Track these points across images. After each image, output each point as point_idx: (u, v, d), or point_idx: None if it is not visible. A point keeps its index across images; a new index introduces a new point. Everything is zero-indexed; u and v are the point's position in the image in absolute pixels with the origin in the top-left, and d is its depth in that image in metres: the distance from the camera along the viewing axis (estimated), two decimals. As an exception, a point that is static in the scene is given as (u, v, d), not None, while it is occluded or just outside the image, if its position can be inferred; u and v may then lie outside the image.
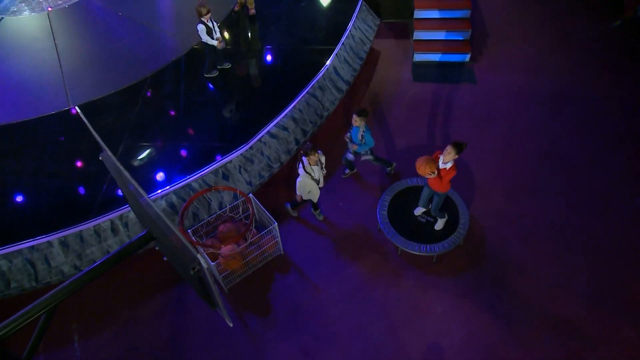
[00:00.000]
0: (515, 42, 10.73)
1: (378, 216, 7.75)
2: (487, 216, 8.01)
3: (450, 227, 7.57)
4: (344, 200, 8.33)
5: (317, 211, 8.02)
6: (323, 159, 7.24)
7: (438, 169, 6.67)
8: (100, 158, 4.27)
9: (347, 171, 8.55)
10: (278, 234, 7.32)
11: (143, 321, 7.18)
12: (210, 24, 8.29)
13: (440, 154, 6.75)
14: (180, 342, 6.98)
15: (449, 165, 6.70)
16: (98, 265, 3.68)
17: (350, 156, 8.09)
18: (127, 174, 3.75)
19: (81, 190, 7.55)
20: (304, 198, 7.50)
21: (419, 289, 7.32)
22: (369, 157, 7.99)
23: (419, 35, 10.47)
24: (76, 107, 4.49)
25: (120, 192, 7.35)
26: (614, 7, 11.03)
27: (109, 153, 4.08)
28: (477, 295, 7.20)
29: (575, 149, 8.81)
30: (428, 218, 7.72)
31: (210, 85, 8.97)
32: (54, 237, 6.97)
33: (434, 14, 10.51)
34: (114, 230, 7.22)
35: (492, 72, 10.16)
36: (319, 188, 7.47)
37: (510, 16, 11.34)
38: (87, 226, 7.08)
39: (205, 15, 8.18)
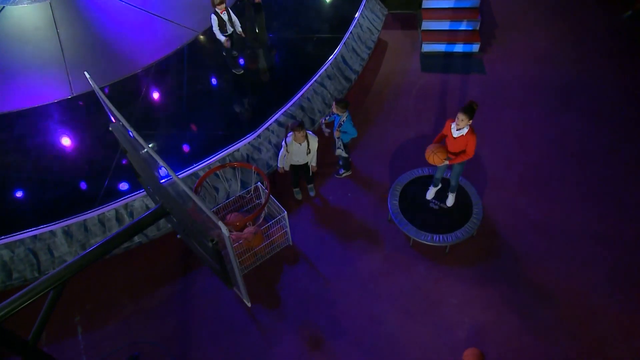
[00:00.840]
0: (524, 32, 10.54)
1: (389, 206, 7.51)
2: (500, 207, 7.79)
3: (463, 218, 7.34)
4: (353, 190, 8.12)
5: (310, 185, 7.99)
6: (314, 145, 7.11)
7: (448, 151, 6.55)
8: (110, 129, 4.03)
9: (342, 171, 8.29)
10: (287, 224, 7.10)
11: (147, 314, 6.95)
12: (224, 16, 7.84)
13: (452, 121, 6.47)
14: (187, 335, 6.74)
15: (465, 131, 6.37)
16: (109, 240, 3.43)
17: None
18: (141, 140, 3.49)
19: (85, 179, 7.32)
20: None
21: (432, 280, 7.09)
22: (342, 152, 7.80)
23: (427, 25, 10.27)
24: (86, 73, 4.20)
25: (123, 182, 7.13)
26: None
27: (124, 122, 3.79)
28: (491, 287, 6.98)
29: (588, 138, 8.60)
30: (440, 204, 7.50)
31: (216, 74, 8.72)
32: (57, 227, 6.74)
33: (443, 3, 10.33)
34: (118, 219, 6.99)
35: (502, 62, 9.95)
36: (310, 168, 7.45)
37: (520, 6, 11.15)
38: (91, 215, 6.86)
39: (219, 5, 7.72)
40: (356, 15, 9.37)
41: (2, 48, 9.44)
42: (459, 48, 10.16)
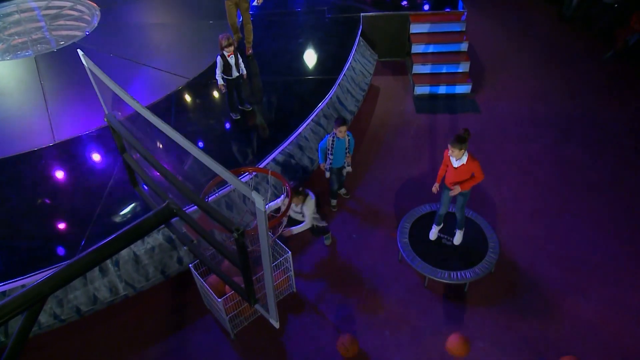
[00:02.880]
0: (513, 73, 10.46)
1: (399, 245, 6.82)
2: (515, 240, 7.19)
3: (479, 253, 6.67)
4: (357, 231, 7.43)
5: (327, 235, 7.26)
6: (308, 211, 6.47)
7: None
8: (105, 119, 3.35)
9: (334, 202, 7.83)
10: (291, 266, 6.31)
11: (136, 377, 5.95)
12: (231, 60, 7.47)
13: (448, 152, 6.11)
14: (182, 399, 5.75)
15: (465, 160, 5.97)
16: (104, 245, 2.63)
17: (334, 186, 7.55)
18: (153, 116, 2.80)
19: (66, 226, 6.48)
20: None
21: (453, 323, 6.29)
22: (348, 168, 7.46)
23: (417, 69, 10.10)
24: (78, 51, 3.53)
25: (109, 229, 6.30)
26: (604, 40, 10.87)
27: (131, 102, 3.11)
28: (520, 326, 6.21)
29: (590, 169, 8.29)
30: (449, 239, 6.85)
31: (214, 116, 8.19)
32: (29, 280, 5.78)
33: (431, 48, 10.19)
34: (102, 269, 6.12)
35: (496, 101, 9.71)
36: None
37: (505, 51, 11.18)
38: (72, 265, 5.96)
39: (226, 47, 7.31)
40: (349, 59, 9.12)
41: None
42: (450, 89, 9.96)
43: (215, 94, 8.55)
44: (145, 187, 3.73)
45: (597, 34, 11.23)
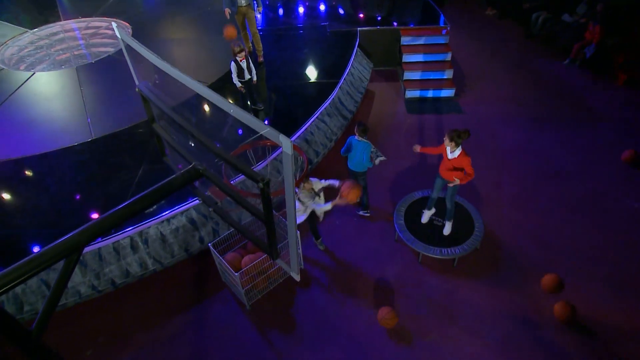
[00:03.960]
0: (490, 80, 10.15)
1: (396, 226, 6.50)
2: (498, 221, 6.88)
3: (466, 232, 6.35)
4: (358, 217, 7.06)
5: (318, 240, 6.63)
6: (317, 186, 5.96)
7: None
8: (137, 90, 3.04)
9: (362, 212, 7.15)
10: (299, 244, 5.96)
11: (161, 343, 5.62)
12: (243, 64, 7.17)
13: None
14: (203, 363, 5.41)
15: (457, 153, 5.60)
16: (135, 201, 2.31)
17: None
18: (187, 77, 2.49)
19: (100, 209, 6.11)
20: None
21: (445, 293, 5.98)
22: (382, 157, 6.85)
23: (408, 75, 9.78)
24: (113, 24, 3.20)
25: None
26: (565, 53, 10.64)
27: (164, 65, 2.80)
28: (502, 295, 5.91)
29: (562, 159, 7.98)
30: (442, 221, 6.51)
31: (227, 114, 7.81)
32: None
33: (420, 57, 9.86)
34: (133, 247, 5.79)
35: (476, 104, 9.39)
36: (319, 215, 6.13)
37: (483, 61, 10.88)
38: (106, 243, 5.64)
39: (238, 53, 7.05)
40: (348, 65, 8.79)
41: (31, 103, 8.57)
42: (437, 93, 9.63)
43: (229, 94, 8.13)
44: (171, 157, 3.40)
45: (559, 48, 10.94)
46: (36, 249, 5.47)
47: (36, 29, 11.51)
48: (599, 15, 10.03)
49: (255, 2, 8.28)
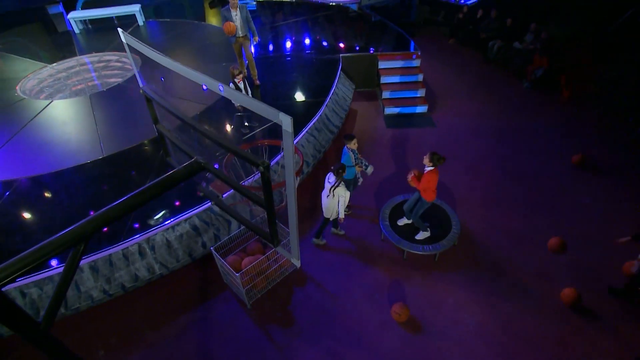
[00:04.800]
0: (458, 98, 10.05)
1: (381, 227, 6.24)
2: (471, 220, 6.67)
3: (445, 230, 6.11)
4: (347, 219, 6.80)
5: (319, 238, 6.40)
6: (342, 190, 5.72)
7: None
8: (141, 92, 2.77)
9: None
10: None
11: (169, 341, 5.25)
12: (241, 85, 6.95)
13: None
14: (208, 358, 5.01)
15: (427, 169, 5.48)
16: (140, 192, 2.02)
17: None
18: (193, 70, 2.24)
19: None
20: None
21: (429, 285, 5.71)
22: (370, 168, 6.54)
23: (386, 94, 9.63)
24: (119, 29, 2.92)
25: (145, 219, 5.62)
26: (518, 74, 10.70)
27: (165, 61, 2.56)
28: (479, 286, 5.69)
29: (522, 164, 7.85)
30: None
31: (226, 129, 7.58)
32: (84, 262, 5.13)
33: (396, 79, 9.73)
34: (141, 253, 5.43)
35: (447, 118, 9.25)
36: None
37: (451, 82, 10.80)
38: (116, 250, 5.27)
39: (237, 75, 6.87)
40: (333, 86, 8.62)
41: (48, 127, 8.20)
42: (412, 110, 9.48)
43: (227, 113, 7.88)
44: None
45: (511, 70, 10.96)
46: (53, 262, 5.08)
47: (55, 64, 11.19)
48: (543, 43, 10.31)
49: (251, 33, 8.09)
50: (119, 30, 2.78)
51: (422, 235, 6.10)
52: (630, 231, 5.63)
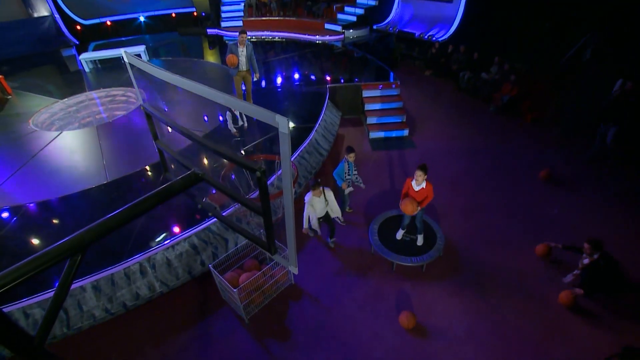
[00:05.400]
0: (435, 122, 10.05)
1: (371, 241, 6.03)
2: (454, 232, 6.49)
3: (430, 242, 5.91)
4: (338, 234, 6.57)
5: (332, 240, 6.29)
6: (330, 194, 5.78)
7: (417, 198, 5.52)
8: (141, 107, 2.58)
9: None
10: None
11: (170, 358, 4.86)
12: (236, 113, 6.83)
13: (411, 179, 5.44)
14: (208, 375, 4.66)
15: (424, 184, 5.39)
16: (138, 203, 1.81)
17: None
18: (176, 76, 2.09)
19: (111, 238, 5.44)
20: (312, 226, 5.76)
21: (417, 295, 5.47)
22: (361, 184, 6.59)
23: (370, 120, 9.60)
24: (121, 50, 2.74)
25: (146, 240, 5.33)
26: (486, 101, 10.82)
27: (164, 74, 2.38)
28: (465, 294, 5.46)
29: (496, 180, 7.75)
30: (410, 237, 6.06)
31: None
32: (87, 282, 4.79)
33: (378, 106, 9.70)
34: (142, 272, 5.10)
35: (426, 140, 9.22)
36: (332, 219, 6.01)
37: (428, 108, 10.87)
38: (118, 269, 4.96)
39: None
40: (321, 113, 8.55)
41: (57, 156, 7.92)
42: (394, 133, 9.41)
43: (224, 139, 7.69)
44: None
45: (480, 97, 11.11)
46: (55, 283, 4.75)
47: (66, 99, 11.01)
48: (505, 74, 10.59)
49: (252, 69, 8.01)
50: (122, 50, 2.64)
51: (421, 239, 5.98)
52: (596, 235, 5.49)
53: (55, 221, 5.94)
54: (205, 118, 8.82)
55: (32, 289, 4.64)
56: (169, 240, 5.29)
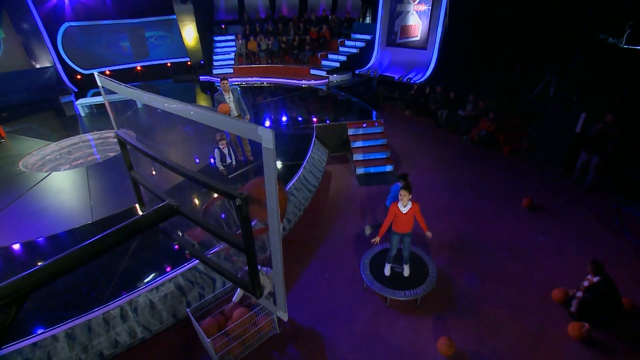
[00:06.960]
0: (417, 157, 10.02)
1: (363, 276, 5.65)
2: (445, 264, 6.19)
3: (423, 275, 5.57)
4: (329, 270, 6.18)
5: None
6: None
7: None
8: (114, 136, 2.27)
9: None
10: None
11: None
12: (225, 151, 6.61)
13: (396, 204, 5.21)
14: None
15: (410, 204, 5.18)
16: (96, 241, 1.45)
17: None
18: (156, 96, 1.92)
19: (93, 283, 4.92)
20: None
21: (413, 330, 5.04)
22: None
23: (356, 157, 9.48)
24: (95, 73, 2.47)
25: (128, 282, 4.83)
26: (464, 135, 10.87)
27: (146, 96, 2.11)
28: (461, 326, 5.01)
29: (481, 210, 7.59)
30: (399, 267, 5.70)
31: (211, 193, 7.02)
32: (60, 330, 4.22)
33: (363, 143, 9.67)
34: (123, 316, 4.57)
35: (410, 174, 8.87)
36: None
37: (411, 144, 10.90)
38: (97, 314, 4.41)
39: (220, 141, 6.65)
40: (309, 151, 8.40)
41: (44, 196, 7.48)
42: (380, 169, 9.29)
43: (213, 176, 7.36)
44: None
45: (458, 132, 11.30)
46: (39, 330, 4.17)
47: (59, 141, 10.71)
48: (481, 111, 10.79)
49: (243, 113, 7.83)
50: (95, 73, 2.42)
51: (407, 269, 5.63)
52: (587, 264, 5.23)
53: (37, 263, 5.41)
54: (197, 160, 8.58)
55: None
56: (153, 281, 4.81)
